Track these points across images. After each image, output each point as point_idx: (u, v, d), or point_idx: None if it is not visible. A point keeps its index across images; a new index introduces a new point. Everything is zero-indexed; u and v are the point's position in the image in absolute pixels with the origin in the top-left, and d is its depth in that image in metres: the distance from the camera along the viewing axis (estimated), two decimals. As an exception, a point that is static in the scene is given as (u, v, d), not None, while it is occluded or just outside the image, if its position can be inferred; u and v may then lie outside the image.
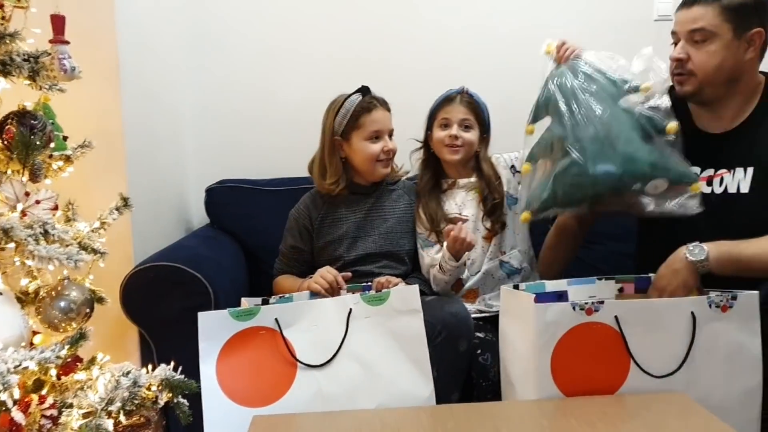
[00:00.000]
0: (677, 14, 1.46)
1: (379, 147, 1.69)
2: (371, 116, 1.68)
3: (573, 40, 1.59)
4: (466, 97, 1.72)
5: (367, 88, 1.71)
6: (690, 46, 1.43)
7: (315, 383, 1.26)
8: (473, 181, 1.73)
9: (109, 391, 1.21)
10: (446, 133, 1.69)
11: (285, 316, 1.28)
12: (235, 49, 2.21)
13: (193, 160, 2.22)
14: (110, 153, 1.58)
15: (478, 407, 1.21)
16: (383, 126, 1.70)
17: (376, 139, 1.69)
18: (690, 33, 1.42)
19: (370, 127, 1.68)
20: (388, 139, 1.71)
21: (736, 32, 1.39)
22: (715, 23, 1.39)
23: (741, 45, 1.40)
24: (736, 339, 1.25)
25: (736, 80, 1.44)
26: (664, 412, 1.14)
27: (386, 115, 1.72)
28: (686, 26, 1.42)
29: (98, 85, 1.52)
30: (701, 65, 1.42)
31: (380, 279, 1.54)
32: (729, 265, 1.33)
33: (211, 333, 1.26)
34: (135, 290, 1.52)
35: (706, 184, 1.47)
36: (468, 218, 1.69)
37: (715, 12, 1.39)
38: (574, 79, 1.49)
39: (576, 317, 1.22)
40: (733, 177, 1.44)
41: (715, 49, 1.40)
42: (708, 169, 1.48)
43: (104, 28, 1.58)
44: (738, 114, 1.47)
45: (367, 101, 1.70)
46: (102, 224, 1.35)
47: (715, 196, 1.45)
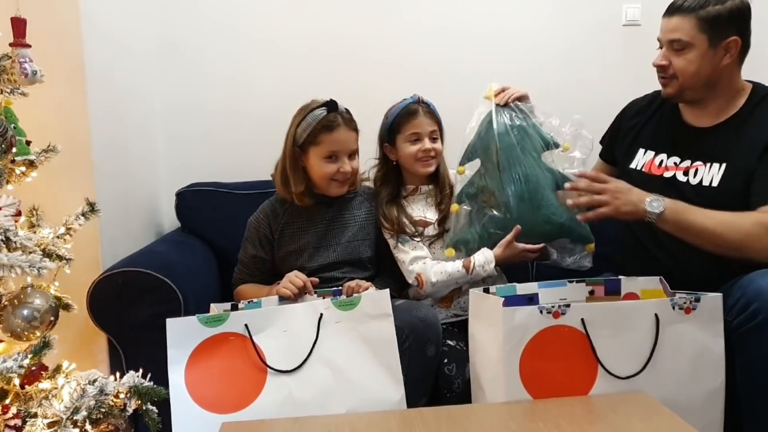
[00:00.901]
0: (662, 21, 1.55)
1: (334, 168, 1.63)
2: (331, 136, 1.61)
3: (514, 85, 1.70)
4: (425, 107, 1.71)
5: (334, 103, 1.64)
6: (670, 53, 1.52)
7: (285, 389, 1.26)
8: (431, 188, 1.75)
9: (74, 400, 1.20)
10: (418, 148, 1.68)
11: (255, 321, 1.28)
12: (207, 52, 2.19)
13: (164, 163, 2.19)
14: (77, 157, 1.56)
15: (447, 410, 1.21)
16: (342, 147, 1.63)
17: (334, 159, 1.63)
18: (670, 42, 1.51)
19: (328, 147, 1.62)
20: (346, 160, 1.64)
21: (712, 42, 1.47)
22: (692, 34, 1.47)
23: (717, 53, 1.48)
24: (700, 340, 1.28)
25: (714, 84, 1.52)
26: (629, 413, 1.15)
27: (348, 136, 1.64)
28: (666, 35, 1.52)
29: (63, 88, 1.50)
30: (681, 71, 1.51)
31: (350, 283, 1.54)
32: (674, 224, 1.42)
33: (179, 339, 1.25)
34: (102, 296, 1.50)
35: (683, 174, 1.56)
36: (432, 222, 1.71)
37: (691, 23, 1.47)
38: (509, 130, 1.61)
39: (543, 320, 1.23)
40: (708, 170, 1.52)
41: (692, 58, 1.49)
42: (686, 160, 1.57)
43: (69, 30, 1.55)
44: (719, 113, 1.55)
45: (331, 119, 1.62)
46: (68, 230, 1.33)
47: (690, 186, 1.53)
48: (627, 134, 1.72)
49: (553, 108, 2.30)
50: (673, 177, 1.57)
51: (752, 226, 1.38)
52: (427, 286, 1.63)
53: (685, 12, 1.47)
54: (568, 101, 2.28)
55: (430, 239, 1.71)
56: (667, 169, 1.59)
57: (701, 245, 1.42)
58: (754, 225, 1.38)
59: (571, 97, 2.28)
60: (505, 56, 2.29)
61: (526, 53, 2.29)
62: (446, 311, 1.69)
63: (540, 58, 2.30)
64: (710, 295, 1.29)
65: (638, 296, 1.44)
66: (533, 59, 2.29)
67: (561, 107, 2.31)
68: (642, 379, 1.25)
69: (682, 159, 1.57)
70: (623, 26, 2.29)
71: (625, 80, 1.82)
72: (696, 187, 1.52)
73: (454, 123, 1.77)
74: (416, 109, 1.70)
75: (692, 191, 1.51)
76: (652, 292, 1.42)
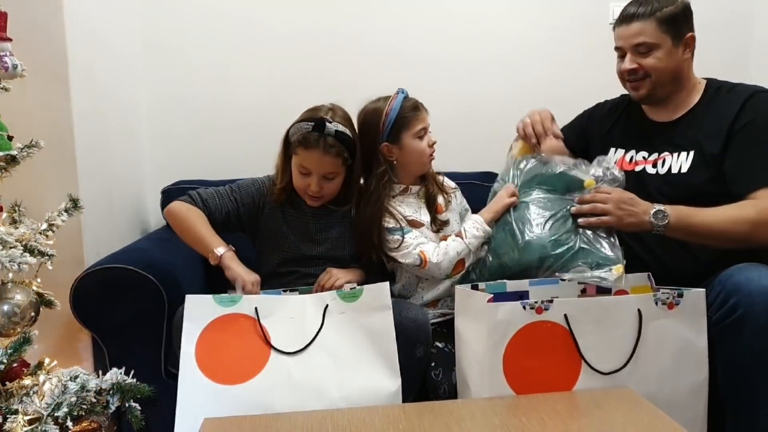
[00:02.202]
0: (618, 30, 1.61)
1: (304, 183, 1.62)
2: (306, 153, 1.58)
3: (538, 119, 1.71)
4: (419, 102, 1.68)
5: (322, 124, 1.56)
6: (637, 57, 1.58)
7: (286, 369, 1.32)
8: (421, 187, 1.73)
9: (55, 397, 1.19)
10: (426, 142, 1.66)
11: (265, 307, 1.37)
12: (192, 48, 2.18)
13: (150, 160, 2.18)
14: (60, 153, 1.56)
15: (430, 406, 1.21)
16: (314, 167, 1.59)
17: (306, 175, 1.61)
18: (634, 46, 1.57)
19: (300, 161, 1.60)
20: (315, 180, 1.60)
21: (674, 40, 1.56)
22: (656, 35, 1.55)
23: (680, 49, 1.57)
24: (683, 336, 1.28)
25: (679, 78, 1.60)
26: (613, 408, 1.16)
27: (324, 160, 1.58)
28: (630, 41, 1.57)
29: (46, 84, 1.50)
30: (653, 68, 1.57)
31: (320, 279, 1.57)
32: (683, 230, 1.45)
33: (195, 315, 1.34)
34: (85, 293, 1.49)
35: (651, 167, 1.63)
36: (425, 223, 1.69)
37: (653, 26, 1.54)
38: (536, 189, 1.60)
39: (526, 316, 1.24)
40: (676, 159, 1.59)
41: (660, 56, 1.56)
42: (654, 153, 1.64)
43: (52, 25, 1.54)
44: (679, 107, 1.63)
45: (308, 137, 1.57)
46: (50, 226, 1.32)
47: (659, 177, 1.60)
48: (600, 139, 1.77)
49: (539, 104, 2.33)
50: (642, 170, 1.63)
51: (756, 215, 1.42)
52: (430, 265, 1.59)
53: (642, 17, 1.54)
54: (555, 99, 2.29)
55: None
56: (636, 164, 1.65)
57: (711, 244, 1.46)
58: (758, 214, 1.42)
59: (558, 95, 2.29)
60: (492, 54, 2.30)
61: (513, 51, 2.30)
62: (433, 310, 1.68)
63: (527, 56, 2.31)
64: (693, 291, 1.30)
65: (628, 293, 1.43)
66: (520, 57, 2.30)
67: (547, 104, 2.33)
68: (625, 375, 1.25)
69: (650, 153, 1.64)
70: (610, 24, 2.29)
71: (612, 78, 1.83)
72: (665, 176, 1.59)
73: (441, 120, 1.77)
74: (419, 104, 1.67)
75: (661, 181, 1.58)
76: (642, 289, 1.43)
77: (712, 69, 1.70)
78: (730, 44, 2.31)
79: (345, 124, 1.61)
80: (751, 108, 1.51)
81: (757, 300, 1.27)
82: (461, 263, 1.61)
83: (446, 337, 1.55)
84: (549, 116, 1.73)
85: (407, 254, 1.62)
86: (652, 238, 1.51)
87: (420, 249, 1.60)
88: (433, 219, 1.70)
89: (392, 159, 1.67)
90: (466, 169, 2.09)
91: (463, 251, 1.59)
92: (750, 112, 1.51)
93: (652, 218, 1.44)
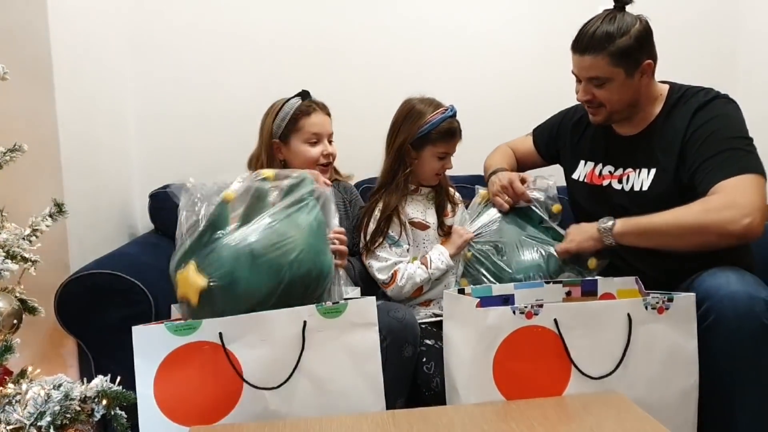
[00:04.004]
0: (573, 57, 1.57)
1: (318, 150, 1.69)
2: (311, 119, 1.68)
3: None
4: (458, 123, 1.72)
5: (306, 92, 1.71)
6: (591, 87, 1.56)
7: (262, 401, 1.21)
8: (431, 190, 1.76)
9: (38, 406, 1.17)
10: (442, 165, 1.71)
11: (230, 330, 1.21)
12: (179, 50, 2.16)
13: (138, 164, 2.16)
14: (44, 157, 1.54)
15: (420, 413, 1.20)
16: (322, 129, 1.70)
17: (316, 143, 1.69)
18: (587, 79, 1.55)
19: (310, 130, 1.68)
20: (327, 143, 1.71)
21: (628, 72, 1.51)
22: (608, 70, 1.50)
23: (635, 78, 1.52)
24: (673, 340, 1.28)
25: (636, 102, 1.58)
26: (602, 413, 1.15)
27: (326, 120, 1.71)
28: (583, 73, 1.55)
29: (29, 86, 1.47)
30: (606, 100, 1.56)
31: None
32: (631, 232, 1.46)
33: (147, 349, 1.20)
34: (70, 300, 1.47)
35: (617, 182, 1.62)
36: (430, 225, 1.72)
37: (605, 61, 1.49)
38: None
39: (516, 321, 1.23)
40: (638, 176, 1.58)
41: (613, 89, 1.53)
42: (619, 168, 1.64)
43: (35, 26, 1.52)
44: (643, 121, 1.60)
45: (306, 105, 1.70)
46: (33, 231, 1.30)
47: (624, 193, 1.60)
48: (570, 150, 1.78)
49: (530, 110, 2.33)
50: (609, 185, 1.63)
51: (702, 205, 1.39)
52: (395, 286, 1.65)
53: (595, 51, 1.49)
54: (545, 104, 2.29)
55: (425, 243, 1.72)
56: (604, 178, 1.65)
57: (668, 245, 1.44)
58: (704, 204, 1.39)
59: (547, 100, 2.29)
60: (480, 56, 2.30)
61: (501, 53, 2.30)
62: (425, 310, 1.69)
63: (515, 59, 2.31)
64: (683, 295, 1.30)
65: (614, 296, 1.44)
66: (508, 60, 2.30)
67: (536, 107, 2.33)
68: (615, 379, 1.25)
69: (616, 168, 1.64)
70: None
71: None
72: (629, 194, 1.58)
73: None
74: (456, 131, 1.70)
75: (626, 198, 1.58)
76: (628, 292, 1.42)
77: (700, 68, 1.70)
78: (717, 44, 2.32)
79: None
80: (699, 118, 1.50)
81: (728, 305, 1.27)
82: (420, 289, 1.68)
83: (436, 335, 1.55)
84: (516, 179, 1.70)
85: (383, 268, 1.67)
86: (624, 249, 1.50)
87: (396, 268, 1.66)
88: (441, 223, 1.73)
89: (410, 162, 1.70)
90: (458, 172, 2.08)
91: (425, 280, 1.66)
92: (698, 122, 1.49)
93: (599, 226, 1.48)
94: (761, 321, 1.26)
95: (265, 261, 1.22)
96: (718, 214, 1.36)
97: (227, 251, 1.22)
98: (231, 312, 1.21)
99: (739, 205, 1.35)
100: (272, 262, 1.23)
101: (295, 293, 1.25)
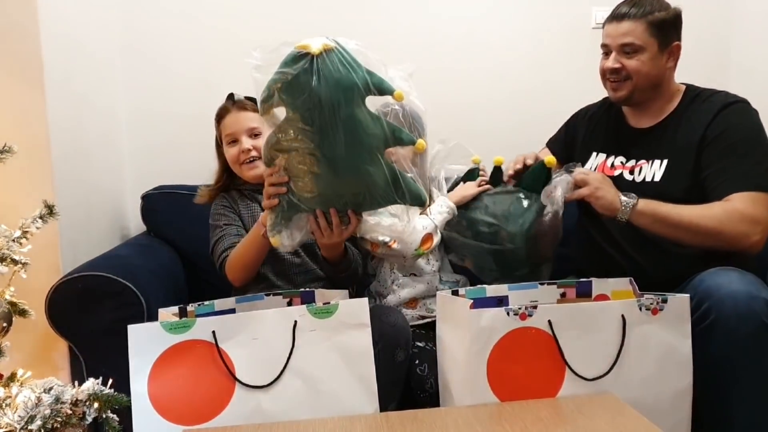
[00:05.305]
0: (607, 27, 1.61)
1: (235, 150, 1.64)
2: (224, 121, 1.67)
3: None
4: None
5: (231, 95, 1.69)
6: (622, 57, 1.58)
7: (254, 400, 1.21)
8: None
9: (29, 409, 1.16)
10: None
11: (223, 328, 1.22)
12: (171, 50, 2.15)
13: (129, 165, 2.15)
14: (35, 158, 1.52)
15: (413, 414, 1.20)
16: (236, 128, 1.64)
17: (233, 143, 1.65)
18: (621, 46, 1.57)
19: (224, 131, 1.67)
20: (244, 139, 1.63)
21: (660, 46, 1.56)
22: (644, 38, 1.55)
23: (664, 56, 1.58)
24: (667, 341, 1.28)
25: (659, 85, 1.61)
26: (596, 415, 1.15)
27: (240, 116, 1.64)
28: (617, 40, 1.57)
29: (20, 87, 1.47)
30: (635, 71, 1.57)
31: None
32: (649, 215, 1.47)
33: (142, 347, 1.20)
34: (61, 302, 1.46)
35: (629, 173, 1.64)
36: None
37: (642, 27, 1.54)
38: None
39: (510, 322, 1.22)
40: (650, 167, 1.60)
41: (644, 59, 1.56)
42: (631, 159, 1.65)
43: (26, 28, 1.51)
44: (658, 114, 1.64)
45: (221, 107, 1.69)
46: (24, 233, 1.29)
47: (635, 184, 1.60)
48: (582, 144, 1.79)
49: (523, 109, 2.33)
50: (620, 175, 1.64)
51: (723, 213, 1.44)
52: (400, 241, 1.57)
53: (634, 18, 1.54)
54: (537, 103, 2.30)
55: None
56: (615, 169, 1.67)
57: (679, 237, 1.47)
58: (725, 212, 1.44)
59: (539, 99, 2.29)
60: (474, 58, 2.29)
61: (495, 55, 2.30)
62: (412, 312, 1.67)
63: (510, 61, 2.30)
64: (678, 296, 1.30)
65: (609, 297, 1.44)
66: (503, 61, 2.30)
67: (530, 109, 2.33)
68: (609, 381, 1.25)
69: (628, 159, 1.66)
70: (593, 29, 2.30)
71: (593, 82, 1.83)
72: (640, 184, 1.59)
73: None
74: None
75: (636, 188, 1.57)
76: (623, 293, 1.42)
77: (693, 72, 1.71)
78: (710, 47, 2.32)
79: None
80: (722, 119, 1.52)
81: (728, 305, 1.28)
82: (429, 238, 1.60)
83: (427, 337, 1.55)
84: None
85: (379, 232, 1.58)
86: (628, 241, 1.54)
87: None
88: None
89: None
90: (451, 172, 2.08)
91: (429, 226, 1.59)
92: (721, 124, 1.52)
93: (621, 197, 1.48)
94: (761, 320, 1.27)
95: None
96: (735, 226, 1.43)
97: None
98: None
99: (755, 221, 1.43)
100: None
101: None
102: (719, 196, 1.47)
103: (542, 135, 1.95)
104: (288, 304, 1.45)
